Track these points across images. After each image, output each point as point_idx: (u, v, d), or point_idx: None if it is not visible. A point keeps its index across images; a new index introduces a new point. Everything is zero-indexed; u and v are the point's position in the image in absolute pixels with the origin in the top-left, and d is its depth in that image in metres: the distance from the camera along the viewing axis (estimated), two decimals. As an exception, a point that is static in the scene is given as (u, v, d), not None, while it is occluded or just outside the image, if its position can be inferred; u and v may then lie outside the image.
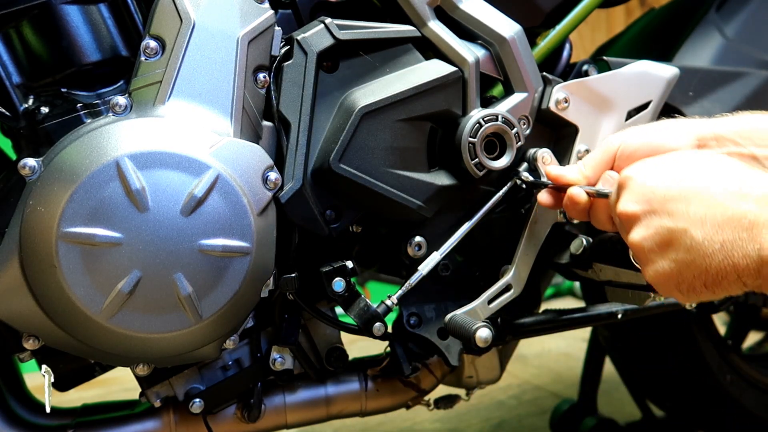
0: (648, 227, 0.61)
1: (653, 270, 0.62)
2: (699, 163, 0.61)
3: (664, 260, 0.61)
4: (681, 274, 0.60)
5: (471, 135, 0.84)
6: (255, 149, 0.77)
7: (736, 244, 0.55)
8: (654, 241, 0.61)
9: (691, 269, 0.59)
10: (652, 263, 0.62)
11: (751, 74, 1.09)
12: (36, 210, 0.71)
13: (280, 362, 0.90)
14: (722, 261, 0.57)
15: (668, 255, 0.60)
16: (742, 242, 0.55)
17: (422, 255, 0.88)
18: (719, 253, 0.56)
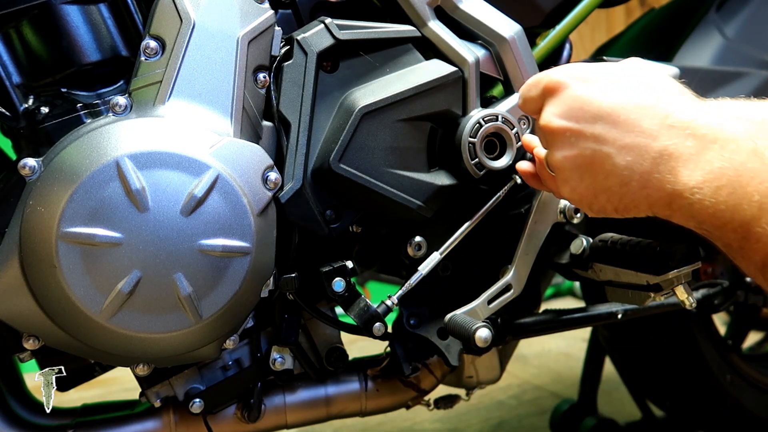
0: (572, 147, 0.59)
1: (569, 189, 0.61)
2: (633, 80, 0.58)
3: (582, 182, 0.60)
4: (596, 197, 0.59)
5: (471, 135, 0.84)
6: (255, 149, 0.77)
7: (653, 176, 0.54)
8: (575, 163, 0.59)
9: (606, 194, 0.58)
10: (569, 183, 0.61)
11: (751, 74, 1.09)
12: (36, 210, 0.71)
13: (280, 362, 0.90)
14: (637, 191, 0.56)
15: (587, 178, 0.59)
16: (659, 175, 0.54)
17: (422, 255, 0.88)
18: (636, 183, 0.55)
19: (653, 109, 0.55)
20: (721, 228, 0.51)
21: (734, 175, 0.50)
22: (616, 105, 0.56)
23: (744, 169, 0.50)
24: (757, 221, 0.48)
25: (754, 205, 0.49)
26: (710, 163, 0.51)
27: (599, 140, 0.57)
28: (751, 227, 0.49)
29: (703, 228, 0.53)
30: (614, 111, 0.56)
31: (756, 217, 0.49)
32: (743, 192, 0.49)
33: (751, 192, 0.49)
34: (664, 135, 0.54)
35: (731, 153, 0.50)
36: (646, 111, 0.55)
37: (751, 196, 0.49)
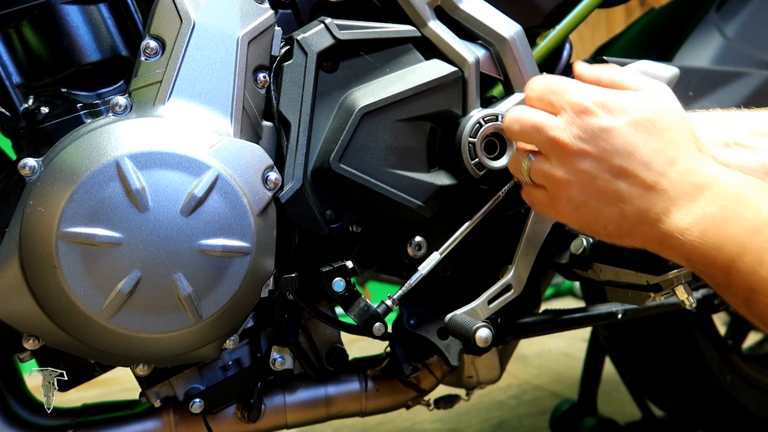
0: (584, 172, 0.62)
1: (567, 207, 0.65)
2: (654, 119, 0.61)
3: (585, 205, 0.64)
4: (595, 221, 0.64)
5: (471, 135, 0.84)
6: (255, 149, 0.77)
7: (650, 214, 0.59)
8: (584, 187, 0.63)
9: (605, 221, 0.63)
10: (570, 202, 0.64)
11: (751, 74, 1.09)
12: (36, 210, 0.71)
13: (280, 362, 0.90)
14: (635, 226, 0.61)
15: (592, 203, 0.63)
16: (655, 215, 0.59)
17: (422, 255, 0.88)
18: (635, 218, 0.60)
19: (666, 154, 0.59)
20: (709, 266, 0.55)
21: (721, 218, 0.54)
22: (636, 144, 0.60)
23: (729, 212, 0.54)
24: (739, 258, 0.52)
25: (736, 244, 0.53)
26: (702, 208, 0.56)
27: (614, 173, 0.61)
28: (734, 264, 0.53)
29: (693, 265, 0.57)
30: (633, 149, 0.60)
31: (739, 254, 0.52)
32: (727, 233, 0.53)
33: (734, 232, 0.53)
34: (668, 179, 0.58)
35: (721, 199, 0.55)
36: (660, 155, 0.59)
37: (733, 237, 0.53)
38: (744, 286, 0.53)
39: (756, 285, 0.52)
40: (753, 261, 0.52)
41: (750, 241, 0.52)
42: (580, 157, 0.62)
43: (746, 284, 0.52)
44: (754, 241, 0.52)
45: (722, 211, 0.55)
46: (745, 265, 0.52)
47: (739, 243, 0.53)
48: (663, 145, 0.60)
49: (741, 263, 0.53)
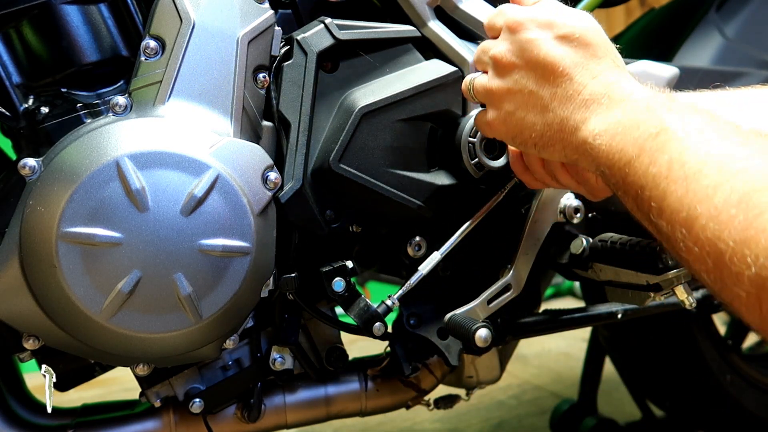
0: (515, 83, 0.68)
1: (498, 116, 0.71)
2: (583, 36, 0.66)
3: (512, 115, 0.69)
4: (521, 131, 0.69)
5: (471, 135, 0.84)
6: (255, 149, 0.77)
7: (569, 122, 0.64)
8: (513, 97, 0.69)
9: (530, 130, 0.68)
10: (500, 111, 0.71)
11: (751, 74, 1.09)
12: (36, 210, 0.71)
13: (280, 362, 0.90)
14: (556, 133, 0.66)
15: (519, 112, 0.69)
16: (573, 122, 0.64)
17: (422, 255, 0.88)
18: (556, 125, 0.65)
19: (588, 68, 0.65)
20: (611, 168, 0.60)
21: (628, 125, 0.59)
22: (561, 57, 0.65)
23: (636, 121, 0.59)
24: (636, 158, 0.57)
25: (636, 147, 0.57)
26: (614, 117, 0.61)
27: (539, 83, 0.67)
28: (630, 164, 0.57)
29: (600, 170, 0.62)
30: (557, 62, 0.65)
31: (636, 155, 0.57)
32: (630, 137, 0.58)
33: (635, 137, 0.58)
34: (588, 90, 0.64)
35: (631, 111, 0.60)
36: (582, 68, 0.65)
37: (635, 140, 0.58)
38: (635, 183, 0.57)
39: (645, 181, 0.55)
40: (646, 160, 0.56)
41: (647, 144, 0.56)
42: (510, 68, 0.69)
43: (637, 181, 0.56)
44: (650, 144, 0.56)
45: (630, 119, 0.59)
46: (639, 164, 0.56)
47: (638, 146, 0.57)
48: (585, 59, 0.65)
49: (636, 162, 0.57)
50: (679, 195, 0.52)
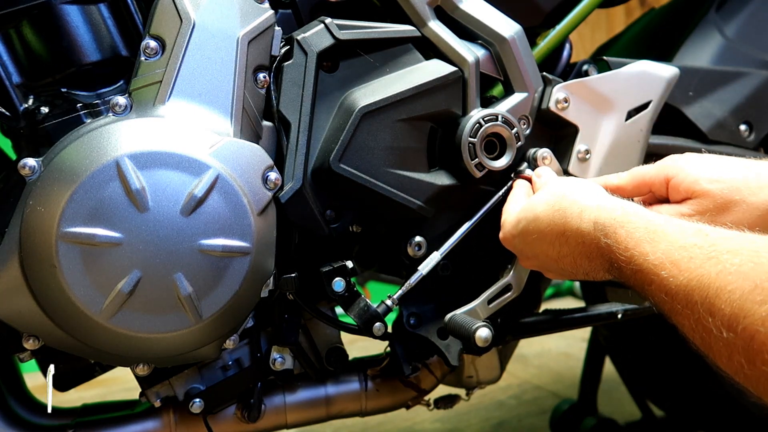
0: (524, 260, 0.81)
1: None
2: (550, 249, 0.73)
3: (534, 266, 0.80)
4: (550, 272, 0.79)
5: (471, 135, 0.84)
6: (255, 149, 0.77)
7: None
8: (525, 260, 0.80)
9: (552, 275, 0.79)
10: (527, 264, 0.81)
11: (751, 74, 1.09)
12: (36, 210, 0.71)
13: (280, 362, 0.90)
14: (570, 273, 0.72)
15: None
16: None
17: (422, 255, 0.88)
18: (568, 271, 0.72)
19: (558, 261, 0.72)
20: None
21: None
22: (523, 249, 0.78)
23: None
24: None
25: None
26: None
27: (531, 261, 0.78)
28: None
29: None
30: (524, 251, 0.78)
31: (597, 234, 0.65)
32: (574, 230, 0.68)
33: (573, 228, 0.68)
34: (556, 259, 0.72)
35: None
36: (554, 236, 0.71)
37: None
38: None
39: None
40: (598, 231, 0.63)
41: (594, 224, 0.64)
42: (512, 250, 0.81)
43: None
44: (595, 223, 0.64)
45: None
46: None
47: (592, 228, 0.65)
48: (556, 255, 0.72)
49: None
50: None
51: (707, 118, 1.06)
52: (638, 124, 0.94)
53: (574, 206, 0.68)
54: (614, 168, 0.94)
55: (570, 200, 0.70)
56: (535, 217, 0.74)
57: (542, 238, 0.72)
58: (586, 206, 0.67)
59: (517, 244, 0.79)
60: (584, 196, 0.69)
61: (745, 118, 1.08)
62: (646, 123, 0.94)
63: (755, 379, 0.46)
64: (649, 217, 0.60)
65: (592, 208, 0.66)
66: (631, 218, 0.60)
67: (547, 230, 0.71)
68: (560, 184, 0.75)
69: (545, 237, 0.72)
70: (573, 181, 0.75)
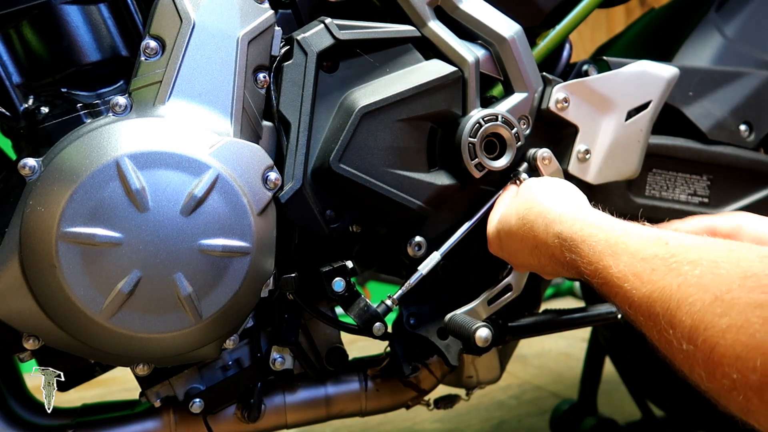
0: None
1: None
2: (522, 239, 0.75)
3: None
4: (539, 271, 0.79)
5: (471, 135, 0.84)
6: (255, 149, 0.77)
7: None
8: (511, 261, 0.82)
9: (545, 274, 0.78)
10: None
11: (751, 74, 1.09)
12: (36, 210, 0.71)
13: (280, 362, 0.90)
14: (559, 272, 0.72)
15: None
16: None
17: (422, 255, 0.88)
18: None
19: (541, 268, 0.74)
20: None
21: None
22: (503, 251, 0.81)
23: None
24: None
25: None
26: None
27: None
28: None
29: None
30: (503, 253, 0.82)
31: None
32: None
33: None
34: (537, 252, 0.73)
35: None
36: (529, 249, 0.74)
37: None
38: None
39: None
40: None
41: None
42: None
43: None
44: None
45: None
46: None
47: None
48: (512, 253, 0.78)
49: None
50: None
51: (707, 118, 1.06)
52: (638, 124, 0.94)
53: (539, 220, 0.70)
54: (614, 168, 0.94)
55: (536, 213, 0.71)
56: (509, 231, 0.77)
57: (520, 249, 0.75)
58: (550, 220, 0.68)
59: (502, 254, 0.82)
60: (548, 208, 0.70)
61: (745, 118, 1.08)
62: (646, 123, 0.94)
63: (716, 392, 0.46)
64: (609, 228, 0.60)
65: (555, 222, 0.67)
66: (592, 231, 0.61)
67: (521, 244, 0.74)
68: (528, 195, 0.77)
69: (523, 249, 0.74)
70: (541, 189, 0.76)
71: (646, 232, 0.56)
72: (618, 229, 0.59)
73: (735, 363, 0.42)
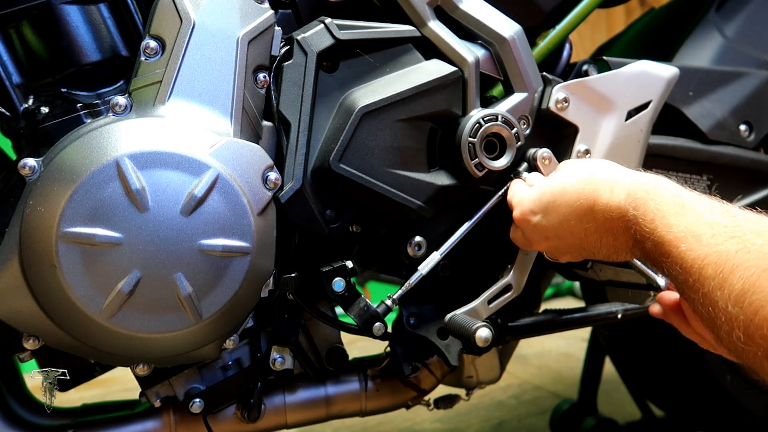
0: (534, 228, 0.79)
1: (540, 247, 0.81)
2: (564, 222, 0.74)
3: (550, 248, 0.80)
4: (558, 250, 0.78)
5: (471, 135, 0.84)
6: (255, 149, 0.77)
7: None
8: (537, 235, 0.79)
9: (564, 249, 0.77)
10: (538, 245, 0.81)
11: (751, 74, 1.09)
12: (36, 210, 0.71)
13: (280, 362, 0.90)
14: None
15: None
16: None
17: (422, 255, 0.88)
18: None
19: (583, 238, 0.72)
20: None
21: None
22: (545, 227, 0.77)
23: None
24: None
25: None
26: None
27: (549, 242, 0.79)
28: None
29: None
30: (545, 231, 0.77)
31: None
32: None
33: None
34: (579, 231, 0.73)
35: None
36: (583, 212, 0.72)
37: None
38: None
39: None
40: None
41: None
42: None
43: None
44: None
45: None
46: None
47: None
48: (558, 221, 0.74)
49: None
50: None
51: (707, 118, 1.06)
52: (638, 124, 0.94)
53: (607, 181, 0.68)
54: (614, 168, 0.94)
55: (603, 175, 0.70)
56: (564, 190, 0.73)
57: (570, 213, 0.72)
58: (619, 180, 0.67)
59: (538, 222, 0.77)
60: (618, 172, 0.69)
61: (745, 118, 1.08)
62: (646, 123, 0.94)
63: (752, 355, 0.47)
64: (680, 191, 0.60)
65: (626, 181, 0.66)
66: (661, 191, 0.61)
67: (576, 204, 0.71)
68: (592, 163, 0.75)
69: (573, 212, 0.71)
70: (602, 161, 0.76)
71: (715, 202, 0.57)
72: (688, 194, 0.60)
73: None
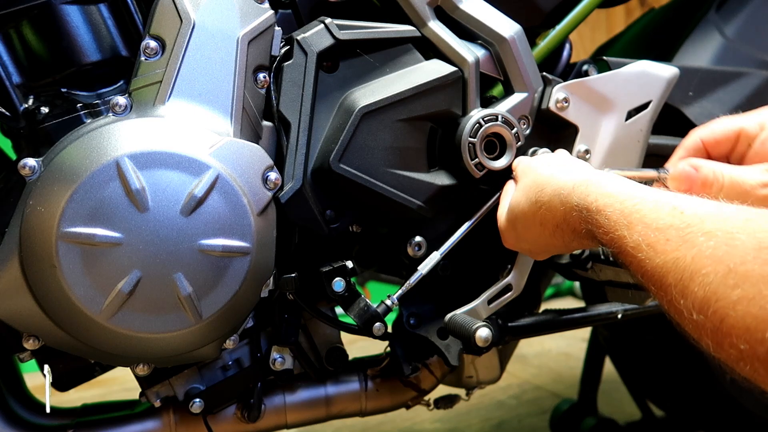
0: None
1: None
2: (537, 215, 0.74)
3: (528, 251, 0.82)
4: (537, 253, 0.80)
5: (471, 135, 0.84)
6: (255, 149, 0.77)
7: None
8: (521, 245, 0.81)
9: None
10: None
11: (751, 74, 1.09)
12: (36, 210, 0.71)
13: (280, 362, 0.90)
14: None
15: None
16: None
17: (422, 255, 0.88)
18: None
19: (556, 230, 0.72)
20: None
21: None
22: (515, 233, 0.79)
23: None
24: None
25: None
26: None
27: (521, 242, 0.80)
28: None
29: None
30: (517, 234, 0.79)
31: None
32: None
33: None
34: (548, 231, 0.73)
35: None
36: (551, 230, 0.73)
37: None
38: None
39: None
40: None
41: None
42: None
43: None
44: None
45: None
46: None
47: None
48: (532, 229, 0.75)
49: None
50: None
51: (707, 118, 1.05)
52: (638, 124, 0.94)
53: (555, 198, 0.69)
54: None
55: (549, 193, 0.70)
56: (525, 218, 0.75)
57: (541, 233, 0.73)
58: (565, 195, 0.67)
59: (520, 245, 0.80)
60: (562, 184, 0.69)
61: (745, 118, 1.07)
62: (646, 123, 0.94)
63: (726, 358, 0.46)
64: (623, 197, 0.59)
65: (571, 195, 0.66)
66: (606, 201, 0.60)
67: (541, 228, 0.72)
68: (534, 177, 0.75)
69: (544, 232, 0.73)
70: (547, 167, 0.75)
71: (661, 199, 0.56)
72: (633, 197, 0.59)
73: (744, 335, 0.43)
